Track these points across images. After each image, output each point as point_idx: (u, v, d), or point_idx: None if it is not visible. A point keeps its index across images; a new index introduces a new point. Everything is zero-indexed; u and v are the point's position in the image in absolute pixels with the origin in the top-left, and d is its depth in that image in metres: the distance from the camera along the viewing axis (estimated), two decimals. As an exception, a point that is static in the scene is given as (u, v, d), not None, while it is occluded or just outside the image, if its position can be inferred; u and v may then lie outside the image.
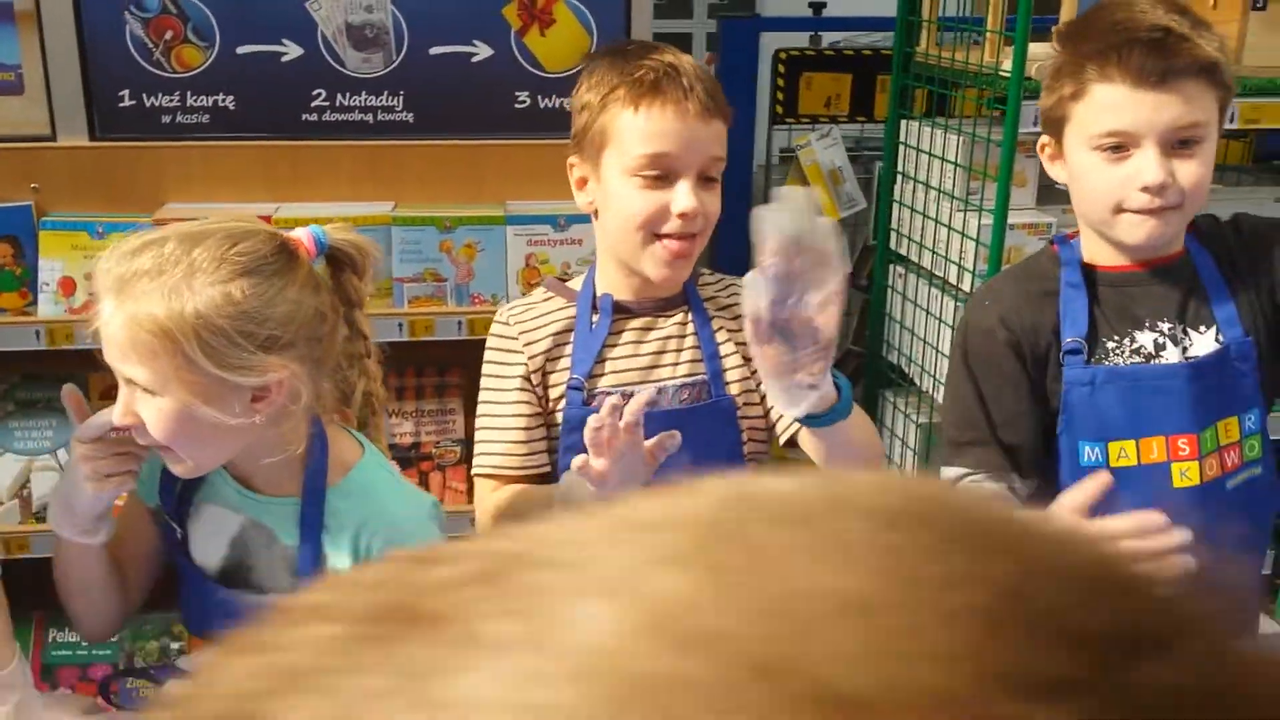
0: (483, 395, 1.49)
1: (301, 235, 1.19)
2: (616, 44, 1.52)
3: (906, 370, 2.55)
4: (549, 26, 2.45)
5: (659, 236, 1.39)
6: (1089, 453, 1.43)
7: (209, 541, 1.28)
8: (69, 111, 2.34)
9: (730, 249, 1.95)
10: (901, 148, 2.52)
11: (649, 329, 1.49)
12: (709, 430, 1.49)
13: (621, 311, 1.48)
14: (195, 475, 1.22)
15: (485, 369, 1.49)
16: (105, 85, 2.34)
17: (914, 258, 2.50)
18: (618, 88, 1.37)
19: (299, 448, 1.23)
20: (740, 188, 2.86)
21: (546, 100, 2.49)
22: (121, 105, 2.36)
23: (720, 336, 1.52)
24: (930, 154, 2.39)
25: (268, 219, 2.37)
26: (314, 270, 1.19)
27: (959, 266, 2.27)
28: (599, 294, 1.48)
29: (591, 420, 1.19)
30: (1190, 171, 1.36)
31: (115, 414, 1.19)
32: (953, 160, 2.32)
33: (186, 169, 2.40)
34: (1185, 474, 1.46)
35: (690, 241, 1.39)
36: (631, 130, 1.36)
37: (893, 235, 2.60)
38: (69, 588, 1.30)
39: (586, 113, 1.40)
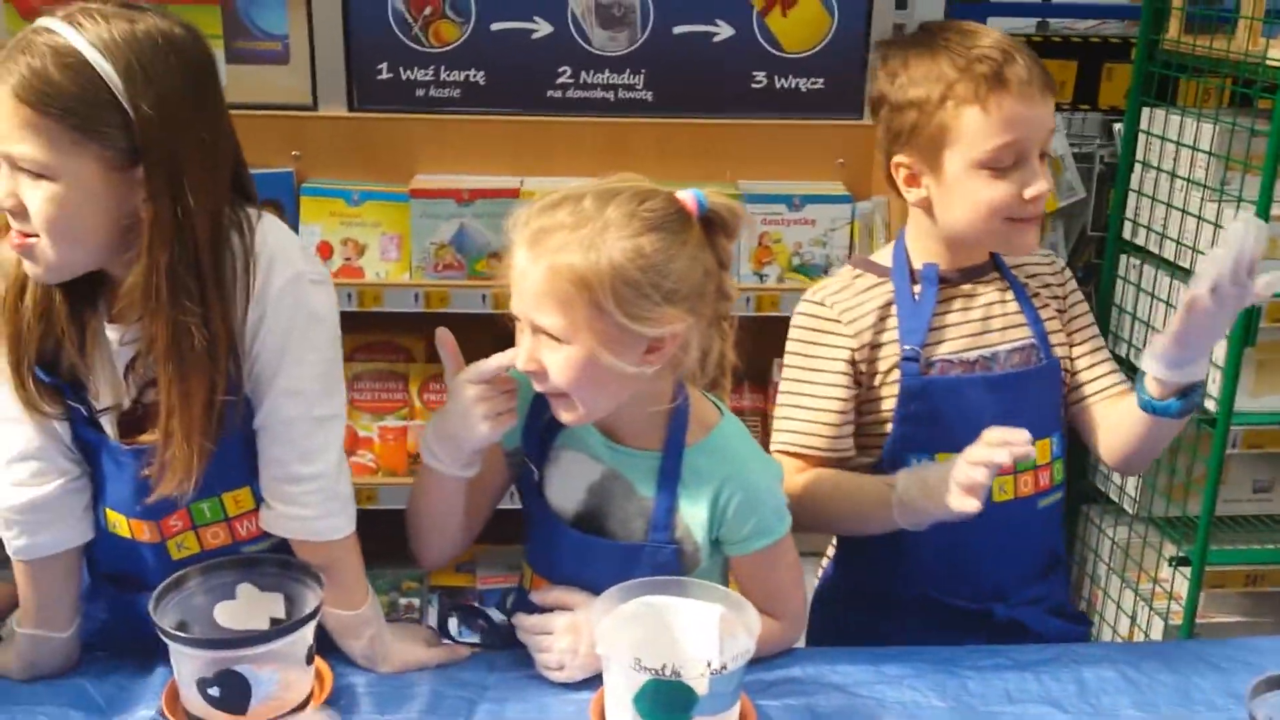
0: (793, 374, 1.52)
1: (685, 196, 1.24)
2: (917, 32, 1.51)
3: (1135, 362, 2.52)
4: (791, 7, 2.48)
5: (1011, 220, 1.41)
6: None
7: (567, 486, 1.35)
8: (331, 82, 2.45)
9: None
10: (1142, 136, 2.49)
11: (971, 296, 1.52)
12: (1039, 393, 1.52)
13: (942, 282, 1.51)
14: (583, 422, 1.28)
15: (797, 348, 1.52)
16: (365, 58, 2.44)
17: (1153, 248, 2.46)
18: (956, 83, 1.38)
19: (668, 404, 1.29)
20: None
21: (783, 80, 2.52)
22: (379, 78, 2.46)
23: (1036, 302, 1.54)
24: (1181, 144, 2.35)
25: (515, 192, 2.46)
26: (700, 230, 1.24)
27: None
28: (918, 265, 1.51)
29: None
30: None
31: (520, 359, 1.25)
32: (1206, 150, 2.28)
33: (438, 141, 2.49)
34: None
35: (1041, 214, 1.42)
36: (980, 125, 1.38)
37: (1127, 225, 2.57)
38: (428, 519, 1.39)
39: (916, 110, 1.42)
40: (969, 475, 1.30)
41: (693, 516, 1.32)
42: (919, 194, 1.46)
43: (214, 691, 1.20)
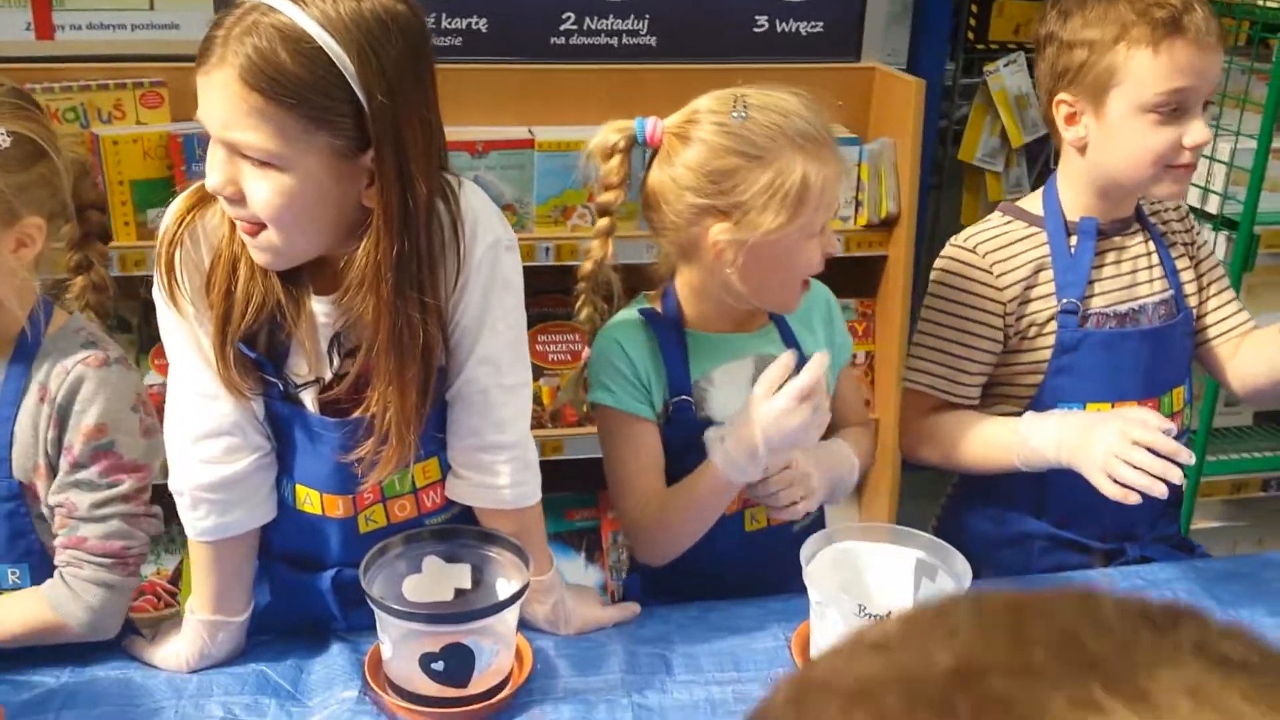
0: (938, 318, 1.55)
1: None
2: None
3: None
4: (791, -49, 2.49)
5: (1168, 167, 1.46)
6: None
7: (730, 397, 1.43)
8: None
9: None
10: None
11: (1121, 249, 1.55)
12: (1177, 344, 1.58)
13: (1103, 231, 1.53)
14: None
15: (944, 293, 1.55)
16: (363, 7, 2.35)
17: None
18: (1133, 26, 1.41)
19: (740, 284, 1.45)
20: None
21: (784, 24, 2.54)
22: (379, 27, 2.37)
23: (1173, 253, 1.60)
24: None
25: (530, 143, 2.41)
26: None
27: (1204, 190, 2.37)
28: (1072, 216, 1.53)
29: None
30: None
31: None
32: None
33: (440, 91, 2.42)
34: None
35: (1195, 164, 1.47)
36: (1151, 69, 1.41)
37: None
38: (704, 525, 1.39)
39: (1086, 49, 1.44)
40: (1121, 474, 1.33)
41: (816, 348, 1.42)
42: (1076, 133, 1.48)
43: (438, 666, 1.19)
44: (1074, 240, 1.53)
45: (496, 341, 1.23)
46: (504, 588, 1.28)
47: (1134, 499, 1.33)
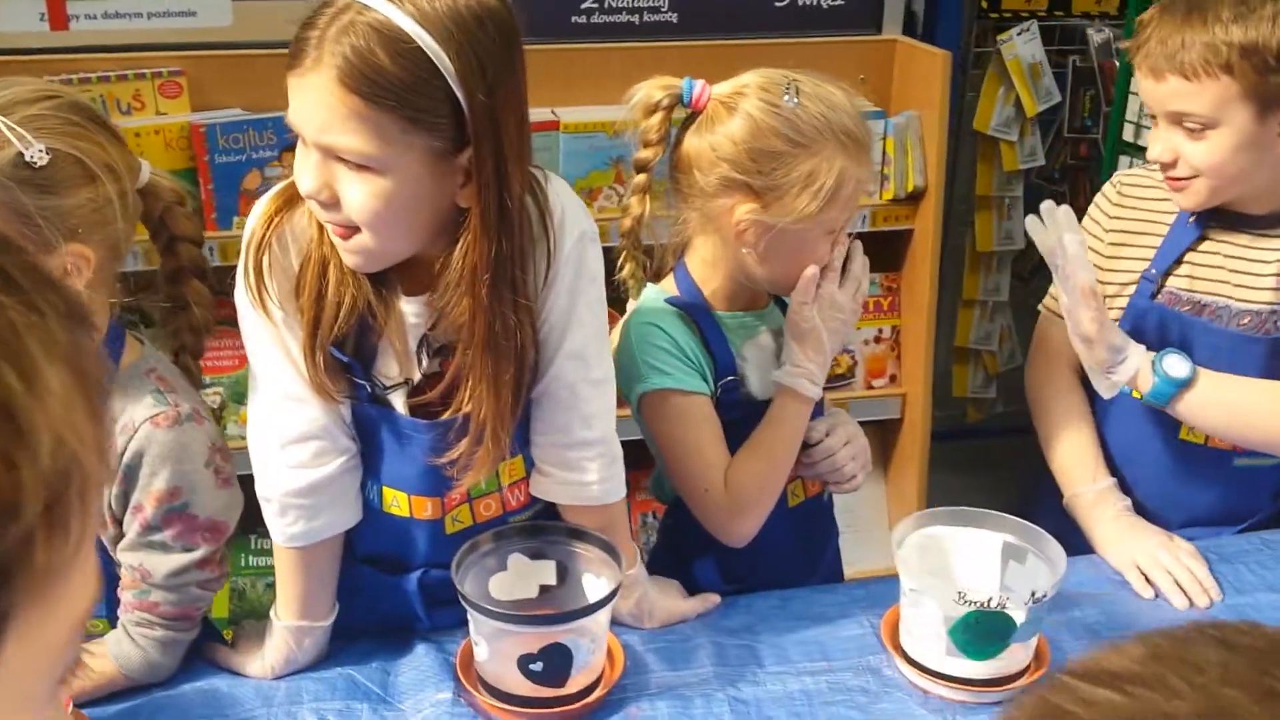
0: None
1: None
2: None
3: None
4: (811, -76, 2.46)
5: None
6: None
7: (764, 370, 1.44)
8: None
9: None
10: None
11: (1246, 247, 1.50)
12: (1256, 360, 1.49)
13: (1220, 220, 1.50)
14: None
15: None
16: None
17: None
18: None
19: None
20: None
21: (805, -1, 2.51)
22: (398, 10, 2.33)
23: None
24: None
25: (555, 125, 2.38)
26: None
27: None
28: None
29: None
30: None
31: None
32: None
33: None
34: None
35: None
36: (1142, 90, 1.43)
37: (1128, 127, 2.68)
38: (789, 461, 1.40)
39: None
40: (1153, 572, 1.44)
41: None
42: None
43: (536, 666, 1.18)
44: (1194, 217, 1.52)
45: (583, 335, 1.22)
46: (592, 583, 1.27)
47: (1148, 594, 1.43)
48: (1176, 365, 1.44)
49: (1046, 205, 1.44)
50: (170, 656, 1.25)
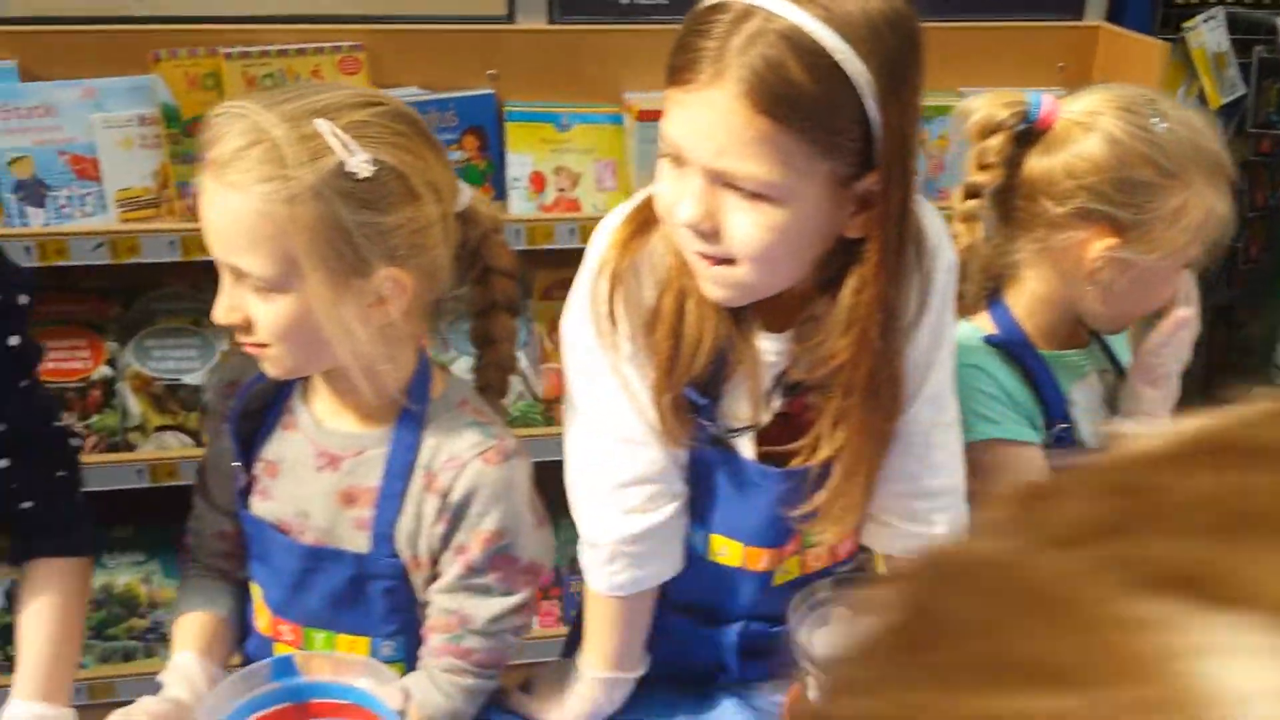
0: None
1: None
2: None
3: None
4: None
5: None
6: None
7: None
8: (528, -9, 2.19)
9: None
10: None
11: None
12: None
13: None
14: None
15: None
16: (565, -36, 2.19)
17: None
18: None
19: None
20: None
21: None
22: (582, -15, 2.21)
23: None
24: None
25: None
26: None
27: None
28: None
29: None
30: None
31: None
32: None
33: (646, 55, 2.25)
34: None
35: None
36: None
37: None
38: None
39: None
40: None
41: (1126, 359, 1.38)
42: None
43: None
44: None
45: (942, 376, 1.11)
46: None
47: None
48: None
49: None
50: (474, 705, 1.16)
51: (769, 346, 1.07)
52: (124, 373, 2.12)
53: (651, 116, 2.18)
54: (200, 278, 2.20)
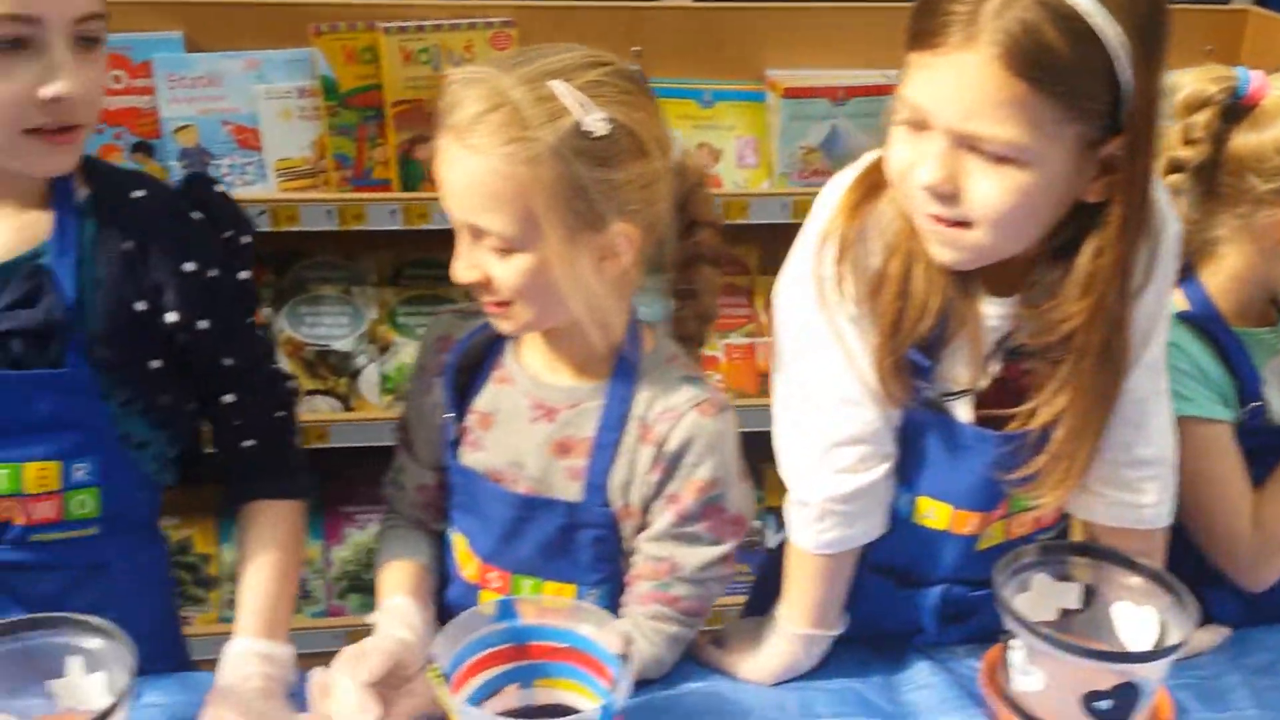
0: None
1: None
2: None
3: None
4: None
5: None
6: None
7: None
8: (675, -30, 2.21)
9: None
10: None
11: None
12: None
13: None
14: None
15: None
16: (713, -60, 2.20)
17: None
18: None
19: None
20: None
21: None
22: (728, -37, 2.22)
23: None
24: None
25: (893, 89, 2.25)
26: None
27: None
28: None
29: None
30: None
31: None
32: None
33: (789, 32, 2.27)
34: None
35: None
36: None
37: None
38: None
39: None
40: None
41: None
42: None
43: (1104, 704, 1.08)
44: None
45: (1161, 343, 1.12)
46: (1128, 613, 1.16)
47: None
48: None
49: None
50: (675, 654, 1.19)
51: (992, 310, 1.08)
52: (277, 338, 2.17)
53: (796, 94, 2.19)
54: (352, 247, 2.27)
